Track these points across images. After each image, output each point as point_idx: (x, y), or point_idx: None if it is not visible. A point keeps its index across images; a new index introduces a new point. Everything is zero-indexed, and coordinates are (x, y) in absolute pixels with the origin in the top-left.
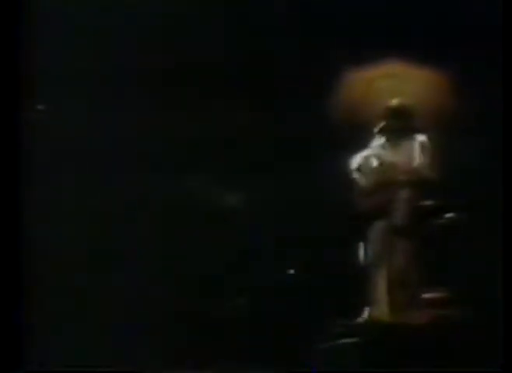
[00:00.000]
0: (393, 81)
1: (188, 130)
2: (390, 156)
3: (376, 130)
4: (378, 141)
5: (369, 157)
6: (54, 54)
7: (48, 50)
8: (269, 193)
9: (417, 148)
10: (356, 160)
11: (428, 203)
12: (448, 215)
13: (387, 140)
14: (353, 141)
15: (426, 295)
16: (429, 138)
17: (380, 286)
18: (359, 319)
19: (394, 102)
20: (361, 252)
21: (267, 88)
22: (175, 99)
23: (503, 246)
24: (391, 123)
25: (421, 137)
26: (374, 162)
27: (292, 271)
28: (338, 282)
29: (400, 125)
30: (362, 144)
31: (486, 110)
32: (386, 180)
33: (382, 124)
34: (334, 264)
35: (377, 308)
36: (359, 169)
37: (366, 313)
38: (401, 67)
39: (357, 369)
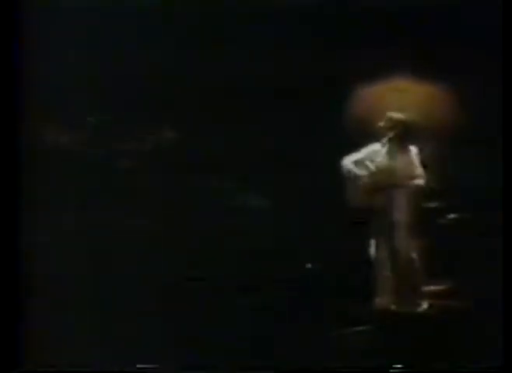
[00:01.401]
0: (400, 95)
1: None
2: (393, 161)
3: (383, 139)
4: (384, 148)
5: (374, 162)
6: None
7: None
8: (292, 195)
9: (417, 156)
10: (364, 165)
11: (427, 204)
12: (448, 215)
13: (392, 147)
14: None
15: (428, 287)
16: (431, 148)
17: (387, 278)
18: (368, 308)
19: (398, 113)
20: (369, 248)
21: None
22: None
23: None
24: (395, 132)
25: (421, 146)
26: (379, 167)
27: (308, 265)
28: (349, 275)
29: (403, 134)
30: (369, 150)
31: (487, 123)
32: (390, 183)
33: (388, 134)
34: (345, 258)
35: (384, 298)
36: (367, 174)
37: (373, 303)
38: (408, 82)
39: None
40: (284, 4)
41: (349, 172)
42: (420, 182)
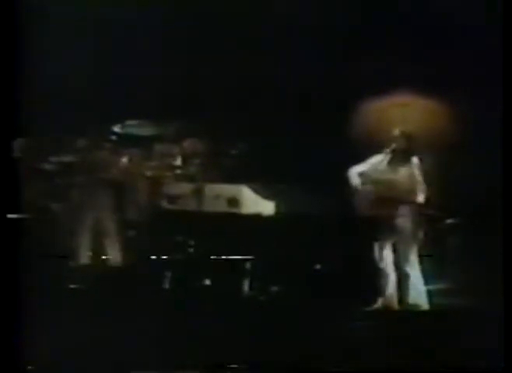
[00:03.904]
0: (403, 110)
1: None
2: (396, 172)
3: (387, 150)
4: (387, 159)
5: (378, 173)
6: None
7: None
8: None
9: (418, 167)
10: (369, 175)
11: (427, 211)
12: (447, 221)
13: (395, 159)
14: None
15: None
16: (433, 158)
17: (390, 279)
18: (374, 306)
19: (401, 127)
20: (375, 252)
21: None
22: None
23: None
24: (398, 145)
25: (416, 159)
26: (383, 177)
27: (318, 266)
28: (358, 275)
29: (406, 147)
30: (373, 162)
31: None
32: (393, 191)
33: (391, 146)
34: (355, 261)
35: (388, 298)
36: (372, 183)
37: (379, 302)
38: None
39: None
40: None
41: (355, 183)
42: (421, 190)
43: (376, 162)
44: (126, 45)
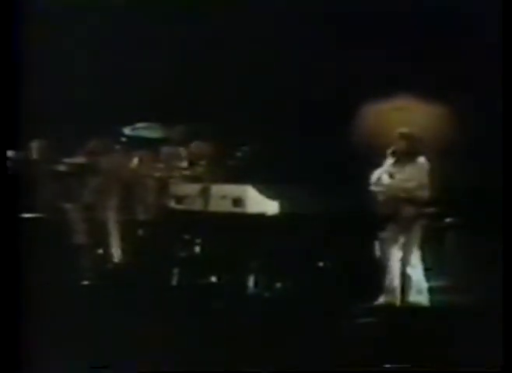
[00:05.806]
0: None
1: None
2: (399, 174)
3: (389, 152)
4: (390, 161)
5: (382, 174)
6: None
7: None
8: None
9: (420, 168)
10: (372, 176)
11: (428, 210)
12: (447, 220)
13: (397, 160)
14: (372, 160)
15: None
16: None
17: (393, 277)
18: (376, 304)
19: (403, 129)
20: (378, 250)
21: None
22: None
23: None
24: (399, 146)
25: (423, 159)
26: (386, 179)
27: (321, 264)
28: (361, 273)
29: (408, 148)
30: (378, 163)
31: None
32: (395, 193)
33: (394, 147)
34: (357, 259)
35: (390, 295)
36: (375, 184)
37: (381, 298)
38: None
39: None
40: None
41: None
42: (424, 190)
43: (385, 165)
44: (135, 48)
